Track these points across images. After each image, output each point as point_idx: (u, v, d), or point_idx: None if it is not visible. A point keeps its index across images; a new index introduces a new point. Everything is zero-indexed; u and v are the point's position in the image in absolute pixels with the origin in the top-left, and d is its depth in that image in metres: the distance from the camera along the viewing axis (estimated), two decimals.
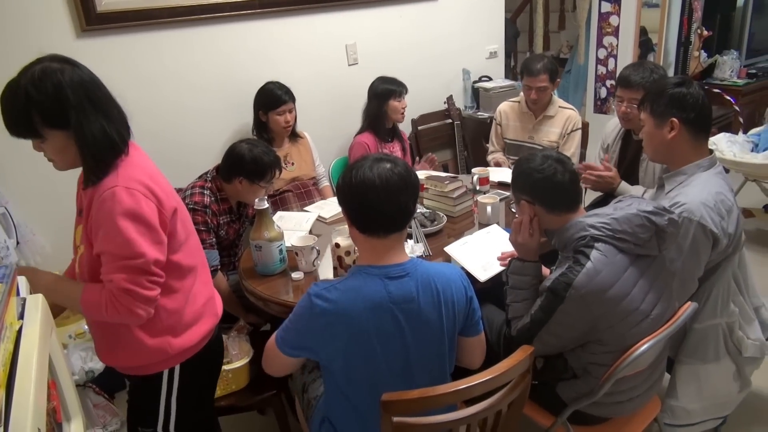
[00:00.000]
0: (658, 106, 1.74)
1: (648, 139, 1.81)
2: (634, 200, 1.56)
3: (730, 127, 4.19)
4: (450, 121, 3.67)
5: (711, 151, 1.77)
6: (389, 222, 1.33)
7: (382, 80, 2.96)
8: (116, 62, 2.50)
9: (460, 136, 3.65)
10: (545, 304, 1.49)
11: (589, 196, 2.58)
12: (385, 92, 2.92)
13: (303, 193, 2.80)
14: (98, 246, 1.28)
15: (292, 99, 2.73)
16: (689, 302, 1.62)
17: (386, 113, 2.94)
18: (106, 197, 1.25)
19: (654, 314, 1.50)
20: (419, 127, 3.60)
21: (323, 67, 3.17)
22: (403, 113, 2.98)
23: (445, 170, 3.56)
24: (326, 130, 3.19)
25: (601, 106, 4.61)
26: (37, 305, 1.07)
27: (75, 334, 2.42)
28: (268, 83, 2.75)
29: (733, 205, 1.70)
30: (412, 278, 1.33)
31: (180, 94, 2.71)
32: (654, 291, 1.51)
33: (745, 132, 3.49)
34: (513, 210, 2.27)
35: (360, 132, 3.02)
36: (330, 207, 2.50)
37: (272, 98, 2.69)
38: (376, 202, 1.30)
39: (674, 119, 1.71)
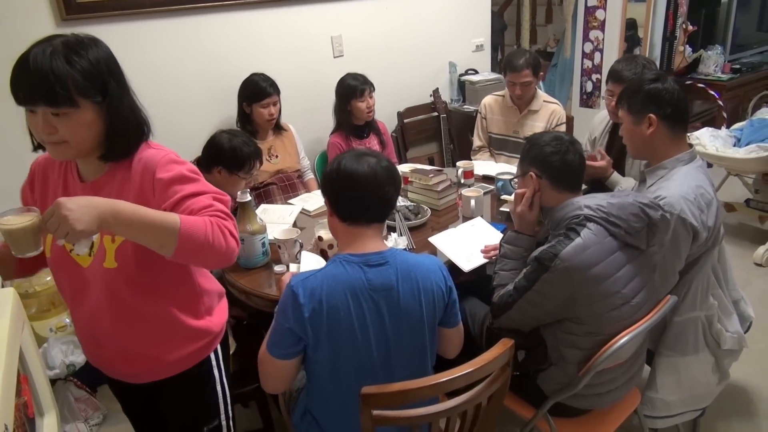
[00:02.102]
0: (634, 103, 1.76)
1: (628, 136, 1.83)
2: (632, 192, 1.60)
3: (714, 122, 4.23)
4: (436, 114, 3.66)
5: (691, 145, 1.78)
6: (373, 211, 1.38)
7: (347, 77, 2.87)
8: None
9: (446, 129, 3.64)
10: (529, 272, 1.52)
11: None
12: (346, 92, 2.83)
13: (287, 186, 2.78)
14: (174, 193, 1.17)
15: (277, 91, 2.71)
16: (669, 295, 1.64)
17: (351, 113, 2.88)
18: (167, 161, 1.21)
19: (635, 301, 1.52)
20: (405, 120, 3.59)
21: (308, 59, 3.15)
22: (369, 112, 2.88)
23: (431, 163, 3.56)
24: (311, 123, 3.16)
25: (587, 100, 4.63)
26: (7, 299, 1.06)
27: (56, 327, 2.39)
28: (252, 75, 2.73)
29: (712, 199, 1.71)
30: (392, 267, 1.34)
31: (162, 86, 2.67)
32: (638, 280, 1.52)
33: (729, 127, 3.52)
34: (507, 194, 2.27)
35: (333, 131, 2.97)
36: (314, 200, 2.49)
37: (256, 90, 2.67)
38: (363, 190, 1.35)
39: (651, 115, 1.72)
